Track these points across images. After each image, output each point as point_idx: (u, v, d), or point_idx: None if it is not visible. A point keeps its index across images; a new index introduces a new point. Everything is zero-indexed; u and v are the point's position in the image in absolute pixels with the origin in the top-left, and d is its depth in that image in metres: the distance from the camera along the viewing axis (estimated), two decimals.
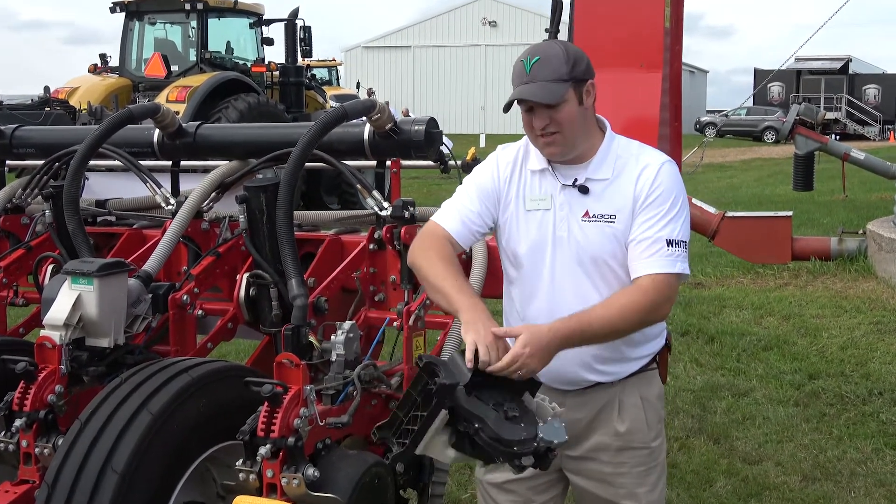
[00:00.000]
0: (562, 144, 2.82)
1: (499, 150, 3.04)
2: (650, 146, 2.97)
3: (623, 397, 3.01)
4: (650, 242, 2.79)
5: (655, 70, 4.17)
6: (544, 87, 2.74)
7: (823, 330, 8.37)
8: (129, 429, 2.63)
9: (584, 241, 2.85)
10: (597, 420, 3.01)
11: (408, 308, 3.24)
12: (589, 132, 2.87)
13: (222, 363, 3.01)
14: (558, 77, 2.75)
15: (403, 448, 2.58)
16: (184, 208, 3.71)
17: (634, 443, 3.01)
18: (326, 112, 3.39)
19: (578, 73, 2.78)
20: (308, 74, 19.11)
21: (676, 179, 2.88)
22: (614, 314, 2.73)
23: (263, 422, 2.60)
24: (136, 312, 3.34)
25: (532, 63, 2.76)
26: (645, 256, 2.79)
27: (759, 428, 6.00)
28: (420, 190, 20.90)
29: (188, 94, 15.26)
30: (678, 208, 2.83)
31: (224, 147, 4.12)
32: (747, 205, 17.21)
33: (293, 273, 3.12)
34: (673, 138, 4.54)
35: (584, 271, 2.87)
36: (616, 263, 2.86)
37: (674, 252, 2.79)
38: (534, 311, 2.94)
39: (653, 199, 2.81)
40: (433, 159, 3.78)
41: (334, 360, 3.00)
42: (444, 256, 2.85)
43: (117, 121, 3.77)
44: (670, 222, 2.81)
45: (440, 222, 2.95)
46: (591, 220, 2.85)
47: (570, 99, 2.77)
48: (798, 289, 10.11)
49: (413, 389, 2.56)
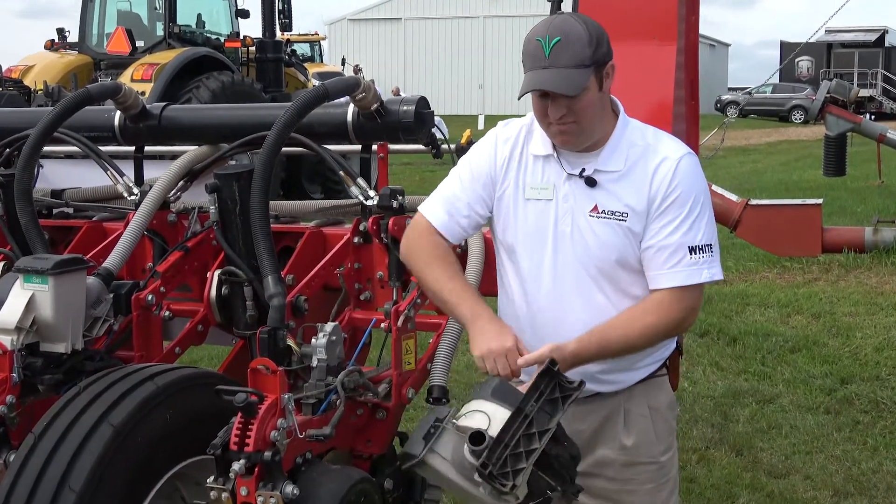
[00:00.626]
0: (577, 133, 2.80)
1: (499, 127, 3.03)
2: (667, 134, 2.95)
3: (629, 407, 3.01)
4: (671, 251, 2.79)
5: (669, 43, 4.17)
6: (566, 75, 2.69)
7: (857, 329, 8.38)
8: (88, 443, 2.62)
9: (592, 239, 2.84)
10: (600, 432, 3.01)
11: (396, 308, 3.24)
12: (605, 118, 2.86)
13: (191, 370, 3.01)
14: (580, 62, 2.70)
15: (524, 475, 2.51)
16: (148, 199, 3.70)
17: (642, 457, 3.01)
18: (306, 91, 3.38)
19: (601, 55, 2.74)
20: (288, 50, 19.06)
21: (697, 175, 2.86)
22: (635, 335, 2.78)
23: (237, 434, 2.59)
24: (96, 314, 3.33)
25: (552, 45, 2.69)
26: (667, 267, 2.79)
27: (785, 438, 6.01)
28: (412, 177, 20.89)
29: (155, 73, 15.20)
30: (700, 208, 2.82)
31: (193, 130, 4.11)
32: (773, 192, 17.22)
33: (269, 269, 3.12)
34: (689, 119, 4.53)
35: (589, 272, 2.86)
36: (624, 264, 2.85)
37: (698, 259, 2.79)
38: (533, 316, 2.93)
39: (672, 201, 2.79)
40: (424, 143, 3.78)
41: (315, 365, 2.99)
42: (437, 255, 2.88)
43: (74, 102, 3.76)
44: (692, 226, 2.80)
45: (425, 213, 2.97)
46: (601, 216, 2.83)
47: (591, 86, 2.74)
48: (829, 284, 10.12)
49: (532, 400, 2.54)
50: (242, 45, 17.45)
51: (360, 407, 3.20)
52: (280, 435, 2.62)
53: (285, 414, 2.66)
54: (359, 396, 3.11)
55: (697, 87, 4.75)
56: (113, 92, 3.96)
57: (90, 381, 2.84)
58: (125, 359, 3.42)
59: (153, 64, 15.46)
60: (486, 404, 2.56)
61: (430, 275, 2.90)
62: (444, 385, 3.12)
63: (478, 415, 2.56)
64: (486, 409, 2.55)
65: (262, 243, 3.15)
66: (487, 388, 2.61)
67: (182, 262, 3.62)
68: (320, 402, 2.92)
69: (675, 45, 4.18)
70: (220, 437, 2.61)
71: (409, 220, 3.46)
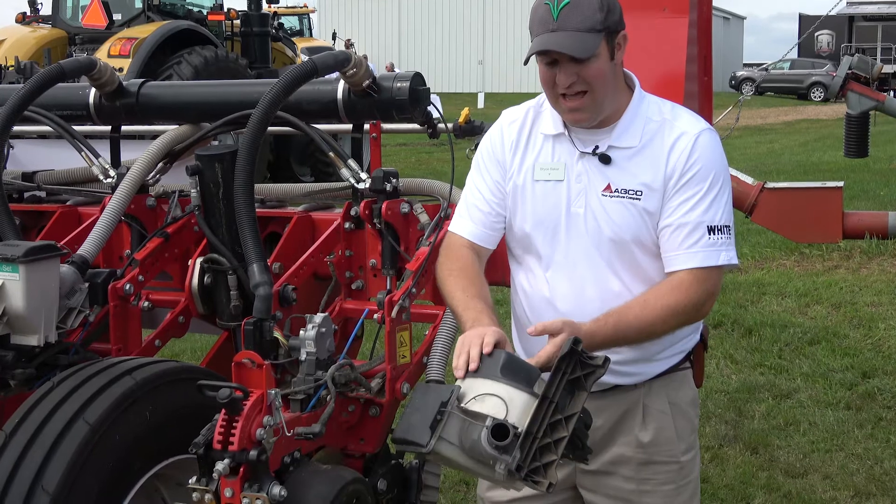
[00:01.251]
0: (590, 109, 2.80)
1: (504, 113, 3.05)
2: (686, 109, 2.96)
3: (648, 402, 3.01)
4: (689, 230, 2.79)
5: (681, 14, 4.16)
6: (574, 37, 2.70)
7: (880, 320, 8.39)
8: (62, 442, 2.62)
9: (605, 220, 2.84)
10: (617, 428, 3.01)
11: (390, 297, 3.23)
12: (618, 91, 2.86)
13: (172, 364, 3.01)
14: (591, 26, 2.71)
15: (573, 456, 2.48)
16: (125, 182, 3.69)
17: (660, 455, 3.01)
18: (294, 67, 3.38)
19: (612, 22, 2.75)
20: (274, 23, 19.04)
21: (717, 152, 2.86)
22: (653, 317, 2.76)
23: (221, 433, 2.59)
24: (71, 304, 3.33)
25: (560, 7, 2.71)
26: (685, 247, 2.79)
27: (804, 435, 6.02)
28: (407, 159, 20.90)
29: (133, 48, 15.19)
30: (719, 187, 2.82)
31: (173, 109, 4.10)
32: (791, 174, 17.22)
33: (255, 257, 3.12)
34: (702, 96, 4.52)
35: (603, 255, 2.87)
36: (640, 246, 2.85)
37: (717, 240, 2.79)
38: (545, 307, 2.93)
39: (689, 177, 2.80)
40: (420, 122, 3.77)
41: (304, 359, 2.99)
42: (456, 268, 2.93)
43: (46, 79, 3.75)
44: (712, 204, 2.80)
45: (453, 229, 3.03)
46: (614, 195, 2.84)
47: (602, 53, 2.75)
48: (850, 272, 10.13)
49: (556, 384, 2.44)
50: (226, 18, 17.45)
51: (352, 403, 3.20)
52: (266, 433, 2.61)
53: (272, 411, 2.65)
54: (350, 392, 3.11)
55: (711, 63, 4.73)
56: (87, 68, 3.94)
57: (64, 376, 2.84)
58: (101, 352, 3.42)
59: (131, 38, 15.45)
60: (497, 385, 2.47)
61: (444, 289, 2.95)
62: (442, 380, 3.12)
63: (490, 399, 2.46)
64: (499, 392, 2.46)
65: (247, 229, 3.14)
66: (494, 364, 2.51)
67: (162, 250, 3.62)
68: (309, 397, 2.92)
69: (687, 18, 4.17)
70: (202, 436, 2.60)
71: (404, 203, 3.48)
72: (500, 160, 2.98)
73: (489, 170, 3.00)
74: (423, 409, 2.48)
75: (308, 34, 29.58)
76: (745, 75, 48.90)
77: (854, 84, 10.26)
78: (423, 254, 3.29)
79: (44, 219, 4.07)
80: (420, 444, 2.45)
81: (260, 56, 17.59)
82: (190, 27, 16.23)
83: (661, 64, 4.03)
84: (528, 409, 2.44)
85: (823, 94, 43.34)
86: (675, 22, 4.13)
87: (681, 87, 4.00)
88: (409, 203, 3.52)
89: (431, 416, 2.45)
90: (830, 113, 33.52)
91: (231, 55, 16.61)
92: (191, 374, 2.93)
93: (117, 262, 3.79)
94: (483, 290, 2.90)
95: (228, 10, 17.62)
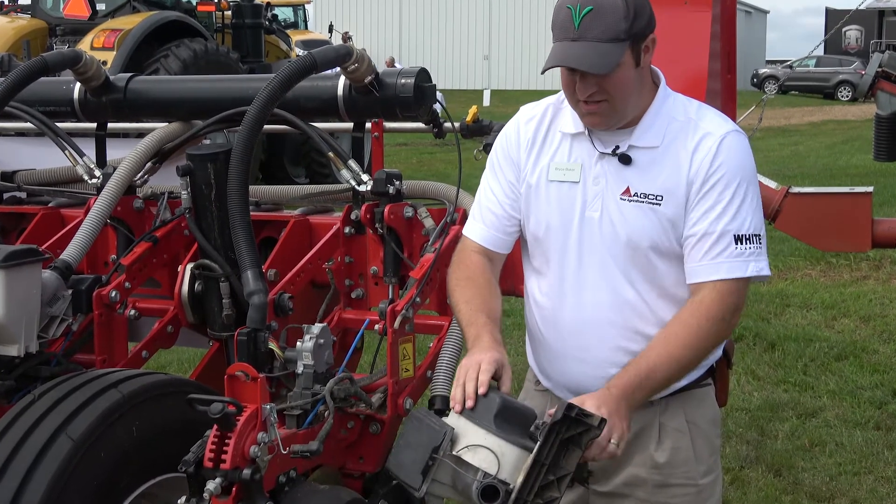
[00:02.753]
0: (608, 115, 2.81)
1: (522, 109, 3.06)
2: (713, 109, 2.95)
3: (664, 420, 3.00)
4: (714, 239, 2.79)
5: (703, 8, 4.16)
6: (597, 49, 2.69)
7: None
8: (44, 458, 2.63)
9: (622, 225, 2.84)
10: (631, 448, 2.99)
11: (392, 307, 3.24)
12: (641, 93, 2.85)
13: (160, 376, 3.01)
14: (615, 36, 2.69)
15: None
16: (111, 182, 3.70)
17: (677, 478, 3.00)
18: (291, 62, 3.39)
19: (638, 28, 2.73)
20: (268, 15, 19.06)
21: (744, 154, 2.85)
22: (679, 349, 2.76)
23: (212, 450, 2.60)
24: (53, 313, 3.34)
25: (582, 15, 2.69)
26: (710, 257, 2.79)
27: (830, 457, 6.01)
28: (409, 160, 20.89)
29: (118, 40, 15.20)
30: (747, 192, 2.81)
31: (162, 105, 4.11)
32: (817, 178, 17.24)
33: (249, 263, 3.12)
34: (725, 95, 4.53)
35: (618, 262, 2.87)
36: (657, 253, 2.85)
37: (744, 250, 2.79)
38: (557, 318, 2.94)
39: (714, 182, 2.79)
40: (424, 121, 3.78)
41: (301, 372, 3.00)
42: (465, 277, 2.94)
43: (28, 73, 3.76)
44: (739, 211, 2.79)
45: (466, 233, 3.04)
46: (632, 199, 2.84)
47: (626, 62, 2.73)
48: (880, 283, 10.12)
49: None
50: (217, 9, 17.45)
51: (352, 419, 3.20)
52: (261, 450, 2.62)
53: (267, 427, 2.65)
54: (350, 407, 3.12)
55: (735, 60, 4.74)
56: (72, 61, 3.95)
57: (46, 389, 2.85)
58: (85, 363, 3.43)
59: (116, 30, 15.45)
60: (489, 438, 2.53)
61: (451, 299, 2.98)
62: (448, 395, 3.12)
63: (482, 451, 2.52)
64: (491, 446, 2.52)
65: (241, 233, 3.14)
66: (489, 411, 2.56)
67: (150, 255, 3.62)
68: (306, 413, 2.93)
69: (710, 12, 4.18)
70: (192, 453, 2.61)
71: (408, 207, 3.49)
72: (514, 159, 2.99)
73: (503, 169, 3.01)
74: (416, 449, 2.55)
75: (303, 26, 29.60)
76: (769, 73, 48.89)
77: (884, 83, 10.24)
78: (428, 261, 3.30)
79: (24, 221, 4.08)
80: (413, 487, 2.53)
81: (252, 49, 17.62)
82: (178, 18, 16.23)
83: (682, 60, 4.03)
84: (521, 464, 2.49)
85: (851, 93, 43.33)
86: (698, 16, 4.14)
87: (703, 85, 4.01)
88: (413, 207, 3.52)
89: (423, 460, 2.53)
90: (859, 113, 33.50)
91: (222, 48, 16.60)
92: (180, 387, 2.94)
93: (102, 267, 3.80)
94: (490, 300, 2.91)
95: (219, 0, 17.63)
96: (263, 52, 17.87)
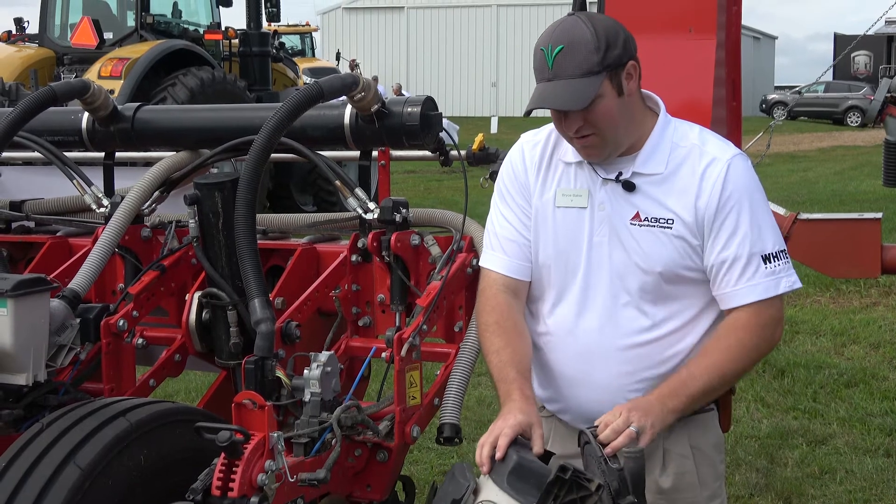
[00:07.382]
0: (601, 147, 2.86)
1: (523, 136, 3.09)
2: (714, 133, 2.99)
3: (668, 445, 3.01)
4: (743, 264, 2.85)
5: (708, 35, 4.18)
6: (570, 86, 2.75)
7: None
8: (52, 487, 2.64)
9: (634, 250, 2.87)
10: None
11: (399, 335, 3.24)
12: (636, 122, 2.90)
13: (168, 405, 3.02)
14: (588, 70, 2.75)
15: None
16: (119, 211, 3.72)
17: (682, 503, 3.01)
18: (298, 90, 3.41)
19: (613, 58, 2.78)
20: (275, 43, 19.12)
21: (750, 177, 2.91)
22: (720, 360, 2.81)
23: (220, 478, 2.61)
24: (61, 341, 3.35)
25: (554, 55, 2.77)
26: (744, 281, 2.85)
27: (840, 484, 5.99)
28: (416, 187, 20.92)
29: (125, 69, 15.24)
30: (762, 212, 2.88)
31: (170, 134, 4.13)
32: (826, 204, 17.21)
33: (256, 291, 3.13)
34: (730, 122, 4.54)
35: (628, 287, 2.89)
36: (670, 277, 2.88)
37: (774, 268, 2.86)
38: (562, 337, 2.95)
39: (730, 208, 2.84)
40: (431, 149, 3.80)
41: (308, 400, 3.01)
42: (493, 321, 2.98)
43: (36, 102, 3.77)
44: (760, 232, 2.86)
45: (486, 264, 3.07)
46: (643, 224, 2.87)
47: (606, 93, 2.78)
48: (890, 310, 10.10)
49: None
50: (224, 38, 17.48)
51: (359, 447, 3.20)
52: (268, 479, 2.63)
53: (274, 455, 2.67)
54: (357, 435, 3.12)
55: (740, 87, 4.76)
56: (80, 91, 3.97)
57: (54, 418, 2.86)
58: (93, 392, 3.43)
59: (123, 59, 15.49)
60: (501, 496, 2.60)
61: (483, 344, 3.03)
62: (457, 423, 3.14)
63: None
64: (500, 502, 2.59)
65: (248, 262, 3.16)
66: (504, 468, 2.64)
67: (157, 283, 3.63)
68: (314, 441, 2.94)
69: (715, 39, 4.20)
70: (200, 481, 2.62)
71: (414, 235, 3.50)
72: (522, 183, 3.02)
73: (513, 195, 3.03)
74: (443, 499, 2.66)
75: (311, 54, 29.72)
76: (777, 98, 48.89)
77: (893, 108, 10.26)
78: (435, 289, 3.31)
79: (33, 250, 4.09)
80: None
81: (260, 77, 17.64)
82: (185, 47, 16.28)
83: (686, 88, 4.05)
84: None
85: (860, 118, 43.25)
86: (702, 44, 4.15)
87: (708, 113, 4.03)
88: (420, 235, 3.53)
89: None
90: (868, 139, 33.47)
91: (229, 76, 16.64)
92: (188, 415, 2.94)
93: (110, 296, 3.80)
94: (520, 348, 2.95)
95: (226, 28, 17.66)
96: (271, 80, 17.90)
